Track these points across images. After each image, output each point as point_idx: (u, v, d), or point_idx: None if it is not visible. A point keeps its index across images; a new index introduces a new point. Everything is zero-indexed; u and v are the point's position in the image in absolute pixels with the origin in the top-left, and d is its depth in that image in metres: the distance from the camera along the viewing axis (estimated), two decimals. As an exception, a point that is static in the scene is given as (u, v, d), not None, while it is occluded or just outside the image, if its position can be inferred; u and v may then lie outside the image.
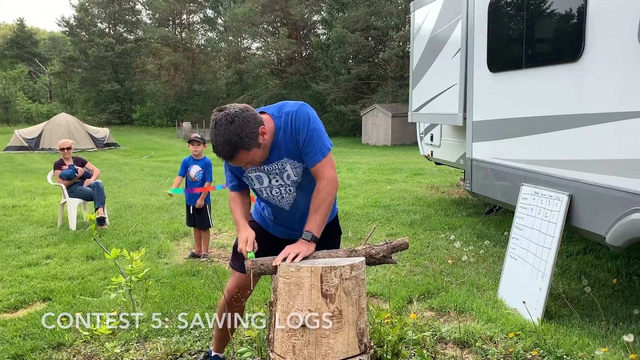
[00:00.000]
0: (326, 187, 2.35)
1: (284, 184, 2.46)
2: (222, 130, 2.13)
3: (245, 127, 2.15)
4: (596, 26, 3.59)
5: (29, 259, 5.42)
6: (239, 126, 2.14)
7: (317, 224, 2.34)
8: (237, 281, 2.69)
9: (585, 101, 3.70)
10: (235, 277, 2.71)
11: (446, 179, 11.28)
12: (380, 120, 26.12)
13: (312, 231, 2.32)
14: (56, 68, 51.71)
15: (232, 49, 44.46)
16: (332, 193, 2.37)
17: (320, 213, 2.35)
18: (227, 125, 2.13)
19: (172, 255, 5.69)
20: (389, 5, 29.56)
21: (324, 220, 2.37)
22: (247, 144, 2.17)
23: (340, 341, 2.06)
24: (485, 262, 5.08)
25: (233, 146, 2.14)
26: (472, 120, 5.44)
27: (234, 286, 2.71)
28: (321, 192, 2.35)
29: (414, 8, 7.52)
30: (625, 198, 3.34)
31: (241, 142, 2.15)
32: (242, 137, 2.14)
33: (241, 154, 2.18)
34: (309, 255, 2.29)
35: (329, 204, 2.37)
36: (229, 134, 2.13)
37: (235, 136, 2.13)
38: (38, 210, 8.32)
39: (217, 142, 2.16)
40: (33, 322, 3.72)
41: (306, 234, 2.32)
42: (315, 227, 2.34)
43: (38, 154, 20.57)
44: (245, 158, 2.22)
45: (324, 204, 2.35)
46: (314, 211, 2.36)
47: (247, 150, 2.18)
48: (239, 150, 2.16)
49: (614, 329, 3.49)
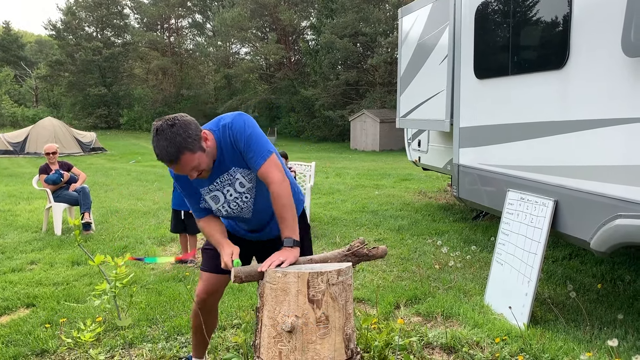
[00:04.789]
0: (279, 191, 2.32)
1: (238, 194, 2.46)
2: (165, 133, 2.14)
3: (187, 129, 2.17)
4: (581, 34, 3.64)
5: (13, 265, 5.35)
6: (181, 127, 2.16)
7: (289, 228, 2.33)
8: (206, 285, 2.71)
9: (570, 108, 3.75)
10: (203, 281, 2.72)
11: (433, 185, 11.33)
12: (369, 126, 26.20)
13: (290, 236, 2.31)
14: (42, 72, 51.19)
15: (221, 53, 44.35)
16: (287, 194, 2.34)
17: (287, 217, 2.33)
18: (169, 128, 2.15)
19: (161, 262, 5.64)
20: (377, 11, 29.71)
21: (294, 221, 2.35)
22: (192, 144, 2.18)
23: (327, 347, 2.06)
24: (472, 268, 5.10)
25: (177, 147, 2.15)
26: (458, 126, 5.48)
27: (203, 290, 2.72)
28: (277, 197, 2.32)
29: (402, 15, 7.57)
30: (609, 204, 3.37)
31: (185, 142, 2.16)
32: (185, 137, 2.16)
33: (186, 155, 2.18)
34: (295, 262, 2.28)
35: (290, 205, 2.34)
36: (172, 134, 2.14)
37: (178, 137, 2.14)
38: (23, 215, 8.22)
39: (160, 146, 2.15)
40: (16, 328, 3.68)
41: (287, 240, 2.30)
42: (290, 231, 2.32)
43: (23, 158, 20.34)
44: (190, 161, 2.21)
45: (285, 208, 2.33)
46: (281, 218, 2.34)
47: (192, 152, 2.19)
48: (184, 152, 2.17)
49: (599, 333, 3.52)
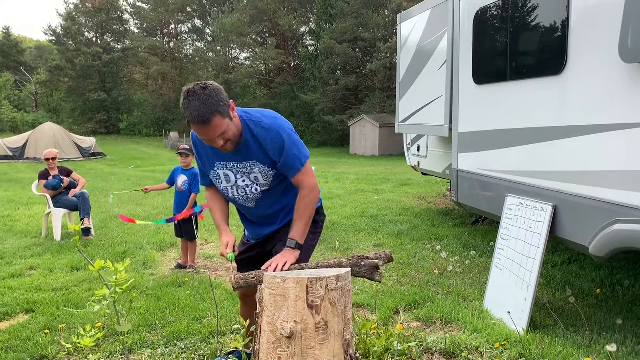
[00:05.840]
0: (309, 195, 2.40)
1: (249, 184, 2.50)
2: (197, 95, 2.17)
3: (219, 92, 2.21)
4: (578, 39, 3.66)
5: (12, 270, 5.35)
6: (213, 91, 2.20)
7: (300, 231, 2.40)
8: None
9: (568, 113, 3.76)
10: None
11: (433, 189, 11.34)
12: (368, 131, 26.25)
13: (295, 238, 2.38)
14: (42, 77, 51.26)
15: (220, 58, 44.45)
16: (314, 200, 2.43)
17: (302, 221, 2.40)
18: (201, 90, 2.18)
19: (158, 265, 5.64)
20: (376, 17, 29.83)
21: (306, 227, 2.43)
22: (223, 108, 2.21)
23: (326, 352, 2.06)
24: (471, 272, 5.10)
25: (210, 108, 2.17)
26: (457, 131, 5.49)
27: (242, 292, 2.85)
28: (303, 200, 2.40)
29: (401, 20, 7.59)
30: (607, 209, 3.38)
31: (217, 105, 2.19)
32: (218, 100, 2.19)
33: (217, 118, 2.20)
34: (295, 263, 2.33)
35: (310, 211, 2.42)
36: (204, 96, 2.17)
37: (210, 99, 2.17)
38: (22, 220, 8.22)
39: (192, 106, 2.17)
40: (15, 334, 3.67)
41: (290, 241, 2.38)
42: (299, 234, 2.39)
43: (23, 163, 20.35)
44: (220, 125, 2.22)
45: (306, 211, 2.40)
46: (298, 219, 2.41)
47: (222, 117, 2.21)
48: (215, 114, 2.19)
49: (598, 338, 3.52)
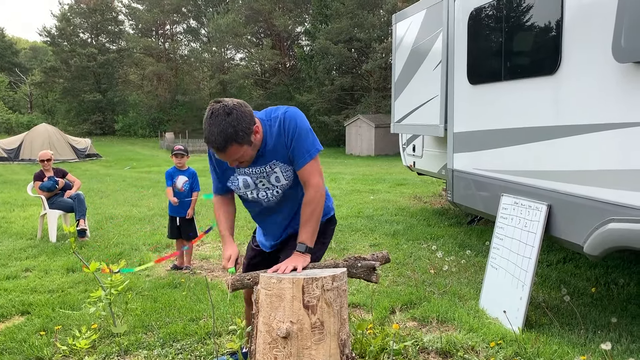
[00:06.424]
0: (314, 197, 2.37)
1: (270, 186, 2.47)
2: (218, 120, 2.13)
3: (241, 121, 2.16)
4: (573, 40, 3.67)
5: (7, 272, 5.33)
6: (235, 119, 2.14)
7: (309, 234, 2.38)
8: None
9: (563, 113, 3.78)
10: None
11: (428, 189, 11.36)
12: (364, 131, 26.27)
13: (305, 242, 2.36)
14: (37, 78, 51.07)
15: (216, 59, 44.40)
16: (320, 203, 2.40)
17: (311, 224, 2.38)
18: (224, 116, 2.13)
19: (154, 267, 5.63)
20: (371, 17, 29.85)
21: (315, 230, 2.41)
22: (241, 138, 2.17)
23: (322, 352, 2.07)
24: (467, 272, 5.12)
25: (227, 138, 2.14)
26: (453, 131, 5.51)
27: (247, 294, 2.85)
28: (310, 203, 2.38)
29: (396, 20, 7.61)
30: (602, 208, 3.40)
31: (235, 135, 2.15)
32: (238, 130, 2.15)
33: (233, 147, 2.18)
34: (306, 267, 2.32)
35: (318, 213, 2.40)
36: (224, 124, 2.13)
37: (231, 128, 2.13)
38: (17, 222, 8.19)
39: (211, 132, 2.15)
40: (11, 336, 3.66)
41: (300, 245, 2.36)
42: (308, 238, 2.37)
43: (18, 164, 20.26)
44: (236, 153, 2.22)
45: (314, 214, 2.38)
46: (305, 222, 2.38)
47: (239, 145, 2.19)
48: (232, 143, 2.17)
49: (593, 337, 3.54)
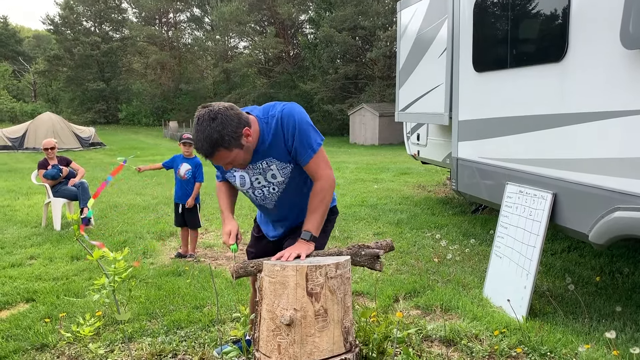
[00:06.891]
0: (324, 187, 2.37)
1: (266, 184, 2.46)
2: (203, 126, 2.12)
3: (227, 126, 2.13)
4: (579, 27, 3.62)
5: (13, 260, 5.36)
6: (220, 124, 2.12)
7: (315, 223, 2.37)
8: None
9: (569, 101, 3.74)
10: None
11: (432, 178, 11.33)
12: (368, 120, 26.18)
13: (310, 230, 2.35)
14: (41, 67, 51.07)
15: (219, 48, 44.28)
16: (330, 193, 2.39)
17: (318, 213, 2.38)
18: (209, 121, 2.12)
19: (158, 255, 5.65)
20: (376, 5, 29.62)
21: (322, 219, 2.40)
22: (228, 142, 2.15)
23: (326, 340, 2.07)
24: (471, 261, 5.11)
25: (213, 144, 2.13)
26: (457, 119, 5.47)
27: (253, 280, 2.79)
28: (319, 192, 2.37)
29: (401, 8, 7.54)
30: (607, 196, 3.38)
31: (221, 141, 2.13)
32: (223, 135, 2.13)
33: (221, 152, 2.17)
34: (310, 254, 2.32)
35: (326, 203, 2.39)
36: (209, 130, 2.11)
37: (216, 133, 2.11)
38: (22, 210, 8.22)
39: (197, 138, 2.15)
40: (16, 323, 3.68)
41: (305, 233, 2.35)
42: (314, 226, 2.36)
43: (22, 153, 20.33)
44: (225, 157, 2.20)
45: (322, 204, 2.37)
46: (313, 211, 2.38)
47: (227, 150, 2.17)
48: (219, 149, 2.15)
49: (597, 325, 3.53)
